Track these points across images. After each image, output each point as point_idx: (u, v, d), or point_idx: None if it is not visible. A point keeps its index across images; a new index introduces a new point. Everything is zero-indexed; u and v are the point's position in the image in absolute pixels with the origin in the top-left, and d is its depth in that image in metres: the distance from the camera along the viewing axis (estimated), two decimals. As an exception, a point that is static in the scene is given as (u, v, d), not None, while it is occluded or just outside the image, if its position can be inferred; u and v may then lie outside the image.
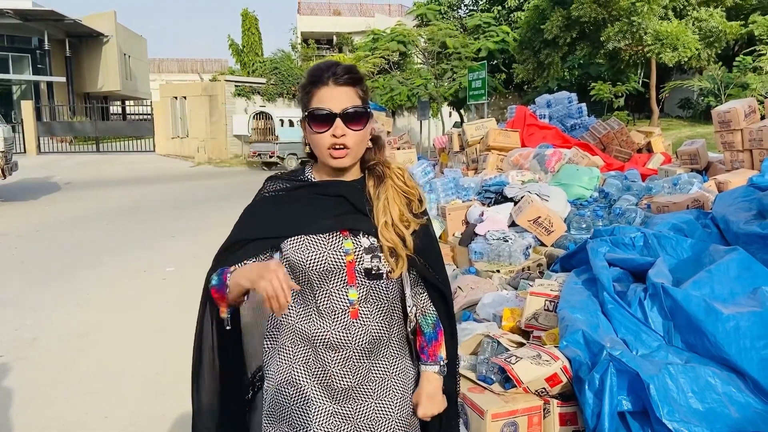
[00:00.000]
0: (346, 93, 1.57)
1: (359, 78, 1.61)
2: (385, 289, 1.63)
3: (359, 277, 1.59)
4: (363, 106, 1.59)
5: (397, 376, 1.68)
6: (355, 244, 1.60)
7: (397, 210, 1.62)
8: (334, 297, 1.59)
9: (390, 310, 1.66)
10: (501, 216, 5.11)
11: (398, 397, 1.67)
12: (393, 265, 1.60)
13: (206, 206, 11.55)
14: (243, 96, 22.14)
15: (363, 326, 1.60)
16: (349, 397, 1.61)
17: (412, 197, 1.68)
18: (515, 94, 22.92)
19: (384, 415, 1.64)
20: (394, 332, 1.69)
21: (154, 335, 5.00)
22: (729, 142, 5.67)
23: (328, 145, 1.57)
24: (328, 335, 1.59)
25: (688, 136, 12.66)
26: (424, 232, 1.67)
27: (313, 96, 1.58)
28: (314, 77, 1.59)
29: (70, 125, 25.86)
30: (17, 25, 26.69)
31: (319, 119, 1.56)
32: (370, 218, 1.61)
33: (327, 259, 1.57)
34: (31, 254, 7.78)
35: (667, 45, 13.44)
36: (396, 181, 1.66)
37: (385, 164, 1.67)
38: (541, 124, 8.62)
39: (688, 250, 3.11)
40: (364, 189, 1.65)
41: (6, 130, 12.12)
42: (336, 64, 1.59)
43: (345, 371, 1.60)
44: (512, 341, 2.77)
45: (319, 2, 35.94)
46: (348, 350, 1.60)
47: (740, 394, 2.23)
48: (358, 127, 1.58)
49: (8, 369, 4.35)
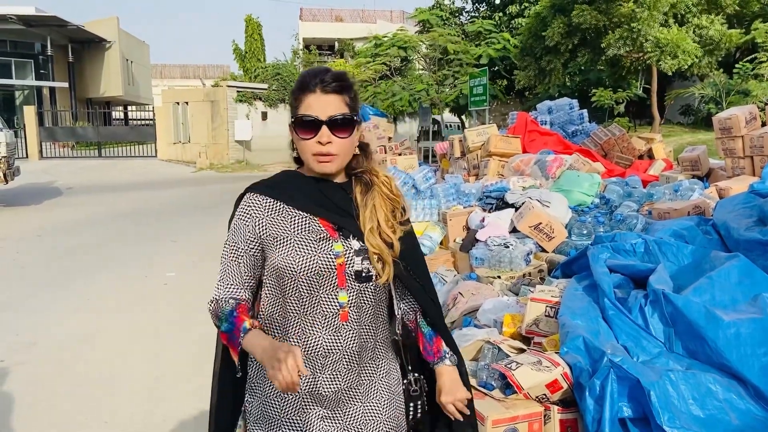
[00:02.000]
0: (333, 100, 1.58)
1: (348, 86, 1.61)
2: (373, 291, 1.64)
3: (349, 279, 1.60)
4: (350, 114, 1.59)
5: (383, 378, 1.69)
6: (345, 246, 1.61)
7: (383, 216, 1.64)
8: (324, 300, 1.60)
9: (376, 312, 1.68)
10: (502, 222, 5.11)
11: (385, 398, 1.68)
12: (379, 270, 1.61)
13: (207, 211, 11.56)
14: (245, 102, 22.17)
15: (352, 329, 1.61)
16: (338, 400, 1.62)
17: (397, 205, 1.70)
18: (516, 101, 22.93)
19: (373, 417, 1.65)
20: (380, 334, 1.70)
21: (155, 340, 5.00)
22: (730, 149, 5.67)
23: (314, 151, 1.58)
24: (320, 342, 1.60)
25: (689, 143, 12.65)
26: (408, 238, 1.69)
27: (301, 102, 1.59)
28: (303, 83, 1.60)
29: (73, 130, 25.88)
30: (20, 30, 26.78)
31: (306, 125, 1.58)
32: (356, 222, 1.63)
33: (318, 262, 1.58)
34: (32, 259, 7.79)
35: (667, 52, 13.44)
36: (383, 188, 1.68)
37: (373, 172, 1.69)
38: (542, 131, 8.63)
39: (689, 257, 3.11)
40: (350, 193, 1.66)
41: (8, 135, 12.15)
42: (326, 71, 1.61)
43: (334, 376, 1.61)
44: (513, 347, 2.77)
45: (321, 9, 36.17)
46: (338, 354, 1.60)
47: (741, 401, 2.22)
48: (344, 135, 1.59)
49: (8, 373, 4.34)
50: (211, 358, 1.77)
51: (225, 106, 21.75)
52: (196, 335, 5.07)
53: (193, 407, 3.82)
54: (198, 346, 4.83)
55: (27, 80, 29.27)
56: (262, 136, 22.34)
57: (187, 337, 5.06)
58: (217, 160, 21.70)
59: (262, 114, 22.60)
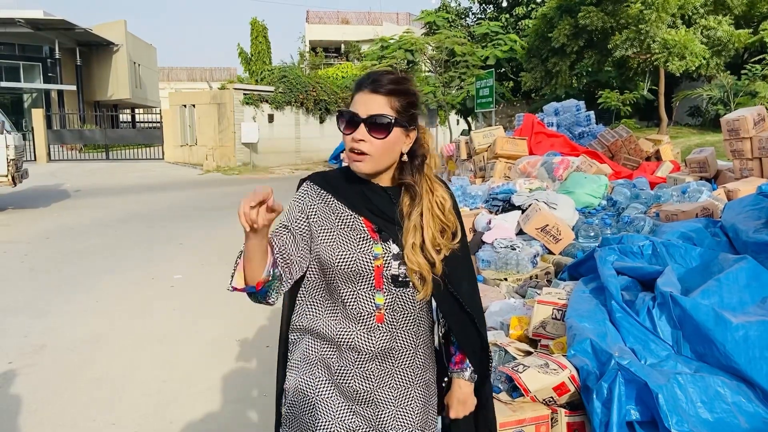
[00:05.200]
0: (378, 100, 1.59)
1: (400, 90, 1.60)
2: (412, 297, 1.65)
3: (386, 282, 1.61)
4: (390, 116, 1.58)
5: (420, 388, 1.70)
6: (385, 249, 1.62)
7: (430, 233, 1.62)
8: (361, 299, 1.61)
9: (417, 321, 1.68)
10: (508, 224, 5.10)
11: (419, 408, 1.69)
12: (419, 286, 1.62)
13: (214, 214, 11.59)
14: (251, 104, 22.23)
15: (387, 332, 1.63)
16: (370, 401, 1.63)
17: (448, 229, 1.67)
18: (523, 102, 22.91)
19: (404, 423, 1.65)
20: (420, 343, 1.70)
21: (162, 342, 5.01)
22: (738, 150, 5.64)
23: (349, 147, 1.61)
24: (353, 337, 1.62)
25: (697, 144, 12.62)
26: (455, 257, 1.67)
27: (353, 99, 1.63)
28: (359, 82, 1.64)
29: (80, 133, 26.03)
30: (29, 34, 26.97)
31: (345, 121, 1.61)
32: (397, 228, 1.63)
33: (356, 261, 1.60)
34: (40, 261, 7.83)
35: (674, 53, 13.40)
36: (435, 208, 1.65)
37: (426, 188, 1.65)
38: (548, 132, 8.61)
39: (697, 259, 3.10)
40: (395, 200, 1.65)
41: (17, 138, 12.21)
42: (385, 73, 1.62)
43: (367, 374, 1.62)
44: (520, 350, 2.76)
45: (328, 11, 36.20)
46: (370, 353, 1.62)
47: (750, 404, 2.21)
48: (380, 136, 1.58)
49: (17, 375, 4.37)
50: (219, 363, 1.78)
51: (231, 109, 21.80)
52: (203, 338, 5.09)
53: (200, 410, 3.83)
54: (206, 348, 4.84)
55: (35, 83, 29.46)
56: (268, 139, 22.40)
57: (194, 339, 5.08)
58: (224, 162, 21.76)
59: (269, 116, 22.64)
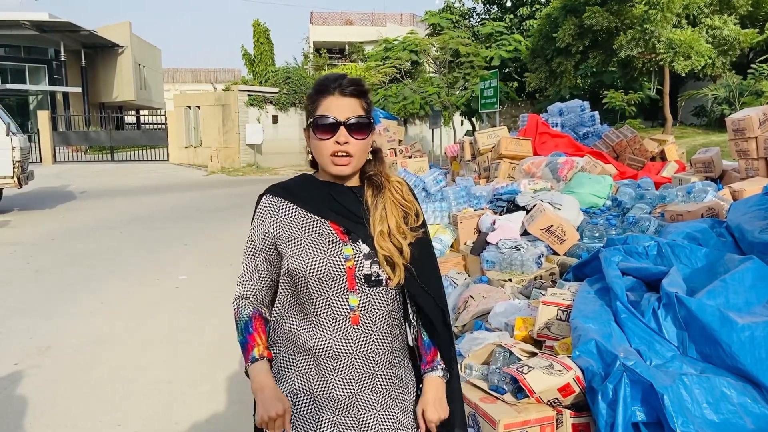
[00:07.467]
0: (350, 103, 1.63)
1: (364, 91, 1.67)
2: (385, 296, 1.66)
3: (359, 283, 1.62)
4: (366, 117, 1.65)
5: (398, 386, 1.70)
6: (355, 249, 1.63)
7: (394, 221, 1.66)
8: (335, 303, 1.62)
9: (391, 319, 1.69)
10: (513, 225, 5.10)
11: (399, 406, 1.69)
12: (390, 273, 1.63)
13: (219, 215, 11.61)
14: (256, 105, 22.26)
15: (364, 333, 1.63)
16: (352, 406, 1.63)
17: (409, 211, 1.71)
18: (527, 103, 22.87)
19: (387, 426, 1.66)
20: (396, 342, 1.71)
21: (167, 343, 5.02)
22: (744, 150, 5.62)
23: (330, 152, 1.62)
24: (330, 344, 1.62)
25: (702, 144, 12.56)
26: (419, 244, 1.70)
27: (319, 105, 1.64)
28: (321, 87, 1.66)
29: (86, 135, 26.12)
30: (34, 36, 27.06)
31: (324, 127, 1.62)
32: (366, 226, 1.65)
33: (327, 265, 1.61)
34: (45, 263, 7.85)
35: (680, 53, 13.36)
36: (394, 194, 1.70)
37: (385, 176, 1.72)
38: (553, 133, 8.60)
39: (703, 260, 3.09)
40: (361, 197, 1.69)
41: (22, 140, 12.25)
42: (343, 76, 1.66)
43: (347, 380, 1.63)
44: (524, 351, 2.76)
45: (332, 12, 36.21)
46: (349, 358, 1.62)
47: (756, 405, 2.20)
48: (361, 137, 1.63)
49: (22, 377, 4.38)
50: (223, 363, 1.81)
51: (236, 110, 21.84)
52: (208, 339, 5.09)
53: (205, 410, 3.84)
54: (210, 349, 4.85)
55: (40, 85, 29.56)
56: (272, 140, 22.43)
57: (199, 340, 5.08)
58: (228, 163, 21.79)
59: (273, 118, 22.68)
